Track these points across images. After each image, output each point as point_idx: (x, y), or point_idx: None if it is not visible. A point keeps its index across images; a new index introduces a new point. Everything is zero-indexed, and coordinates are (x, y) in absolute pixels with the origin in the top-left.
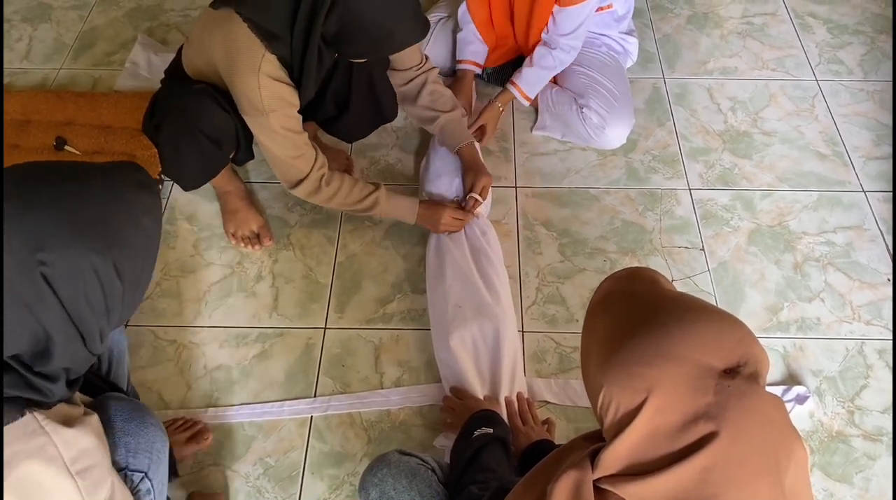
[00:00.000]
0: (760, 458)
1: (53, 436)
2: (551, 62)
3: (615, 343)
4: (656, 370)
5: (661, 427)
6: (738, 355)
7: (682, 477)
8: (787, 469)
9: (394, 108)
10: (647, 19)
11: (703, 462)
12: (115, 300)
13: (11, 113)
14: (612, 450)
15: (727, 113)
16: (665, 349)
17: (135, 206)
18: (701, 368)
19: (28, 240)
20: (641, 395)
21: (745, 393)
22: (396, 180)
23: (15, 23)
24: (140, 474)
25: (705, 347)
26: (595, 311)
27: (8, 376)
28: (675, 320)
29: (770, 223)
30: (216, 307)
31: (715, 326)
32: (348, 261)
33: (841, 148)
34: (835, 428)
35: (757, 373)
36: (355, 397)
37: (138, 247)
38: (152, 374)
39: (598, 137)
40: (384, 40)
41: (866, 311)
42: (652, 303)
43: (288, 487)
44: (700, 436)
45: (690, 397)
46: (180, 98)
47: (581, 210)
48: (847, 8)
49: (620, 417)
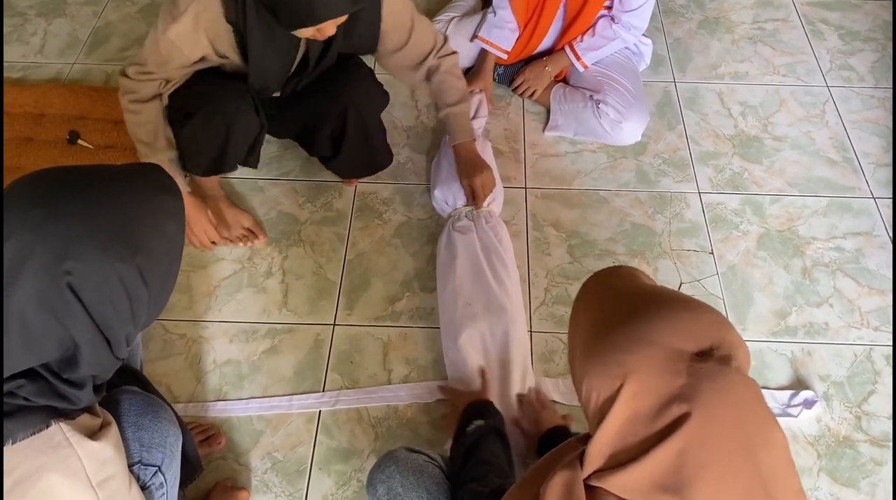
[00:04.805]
0: (733, 439)
1: (78, 449)
2: (612, 34)
3: (595, 337)
4: (631, 356)
5: (639, 412)
6: (712, 338)
7: (660, 461)
8: (761, 450)
9: (387, 157)
10: (658, 23)
11: (679, 445)
12: (140, 306)
13: (25, 106)
14: (595, 442)
15: (737, 117)
16: (639, 336)
17: (158, 210)
18: (674, 352)
19: (54, 249)
20: (618, 381)
21: (716, 374)
22: (407, 180)
23: (30, 17)
24: (153, 468)
25: (678, 332)
26: (577, 309)
27: (36, 385)
28: (650, 309)
29: (779, 228)
30: (226, 302)
31: (688, 313)
32: (358, 259)
33: (851, 154)
34: (842, 433)
35: (730, 356)
36: (363, 393)
37: (162, 251)
38: (162, 367)
39: (613, 131)
40: (303, 10)
41: (875, 317)
42: (629, 296)
43: (295, 482)
44: (674, 418)
45: (664, 380)
46: (217, 92)
47: (590, 212)
48: (859, 15)
49: (600, 405)
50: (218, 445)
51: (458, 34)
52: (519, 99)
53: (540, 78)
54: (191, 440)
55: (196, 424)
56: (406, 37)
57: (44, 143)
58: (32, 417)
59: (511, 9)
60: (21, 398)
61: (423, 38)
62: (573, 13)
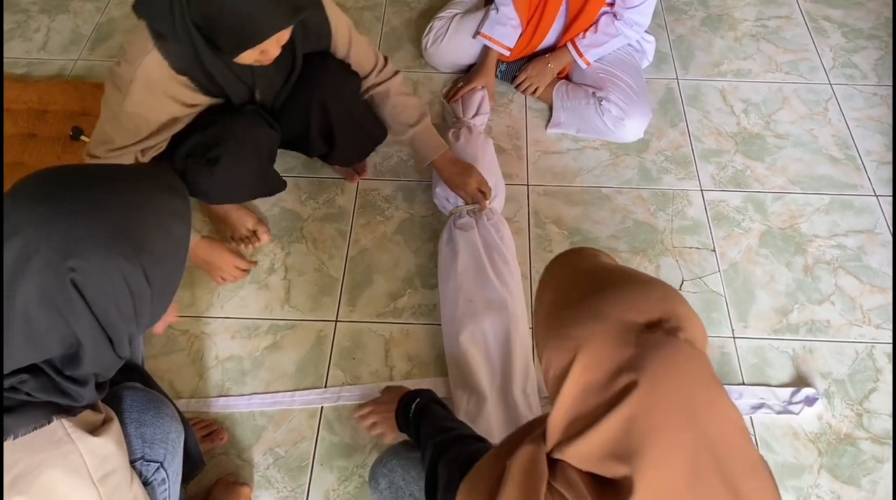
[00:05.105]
0: (678, 407)
1: (80, 445)
2: (614, 31)
3: (553, 313)
4: (583, 329)
5: (590, 384)
6: (661, 311)
7: (610, 429)
8: (708, 419)
9: (381, 131)
10: (661, 20)
11: (627, 413)
12: (143, 305)
13: (29, 103)
14: (553, 414)
15: (740, 115)
16: (591, 310)
17: (164, 211)
18: (624, 324)
19: (58, 246)
20: (570, 354)
21: (663, 344)
22: (409, 177)
23: (33, 14)
24: (156, 464)
25: (629, 305)
26: (541, 288)
27: (39, 381)
28: (604, 284)
29: (781, 226)
30: (228, 298)
31: (640, 287)
32: (360, 255)
33: (854, 152)
34: (843, 431)
35: (679, 328)
36: (365, 389)
37: (168, 252)
38: (164, 363)
39: (616, 129)
40: (246, 28)
41: (876, 315)
42: (586, 274)
43: (298, 477)
44: (622, 386)
45: (614, 351)
46: (227, 122)
47: (593, 209)
48: (862, 12)
49: (556, 378)
50: (220, 440)
51: (460, 31)
52: (521, 96)
53: (542, 75)
54: (193, 436)
55: (198, 419)
56: (346, 48)
57: (47, 139)
58: (34, 413)
59: (514, 6)
60: (23, 394)
61: (362, 53)
62: (576, 10)
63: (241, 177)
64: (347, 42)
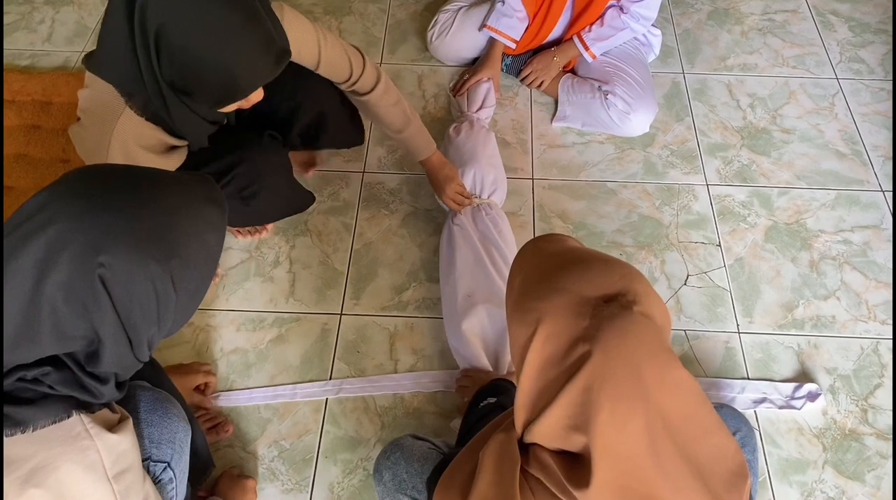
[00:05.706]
0: (632, 376)
1: (97, 441)
2: (620, 24)
3: (521, 291)
4: (543, 302)
5: (551, 356)
6: (619, 287)
7: (569, 402)
8: (660, 387)
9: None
10: (667, 14)
11: (583, 383)
12: (167, 310)
13: (33, 94)
14: (519, 390)
15: (746, 110)
16: (553, 285)
17: (200, 220)
18: (582, 297)
19: (91, 241)
20: (532, 326)
21: (617, 316)
22: (414, 170)
23: (38, 5)
24: (163, 464)
25: (588, 281)
26: (511, 272)
27: (61, 374)
28: (568, 263)
29: (787, 221)
30: (233, 291)
31: (602, 264)
32: (364, 249)
33: (860, 147)
34: (848, 426)
35: (634, 301)
36: (367, 381)
37: (198, 261)
38: (169, 356)
39: (622, 122)
40: (230, 84)
41: (882, 310)
42: (553, 255)
43: (302, 470)
44: (578, 356)
45: (572, 322)
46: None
47: (598, 203)
48: (869, 7)
49: (520, 350)
50: (225, 433)
51: (466, 24)
52: (527, 89)
53: (548, 68)
54: (202, 437)
55: (203, 412)
56: (315, 64)
57: (51, 131)
58: (55, 406)
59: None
60: (45, 386)
61: (335, 66)
62: (583, 3)
63: (284, 194)
64: (316, 58)
